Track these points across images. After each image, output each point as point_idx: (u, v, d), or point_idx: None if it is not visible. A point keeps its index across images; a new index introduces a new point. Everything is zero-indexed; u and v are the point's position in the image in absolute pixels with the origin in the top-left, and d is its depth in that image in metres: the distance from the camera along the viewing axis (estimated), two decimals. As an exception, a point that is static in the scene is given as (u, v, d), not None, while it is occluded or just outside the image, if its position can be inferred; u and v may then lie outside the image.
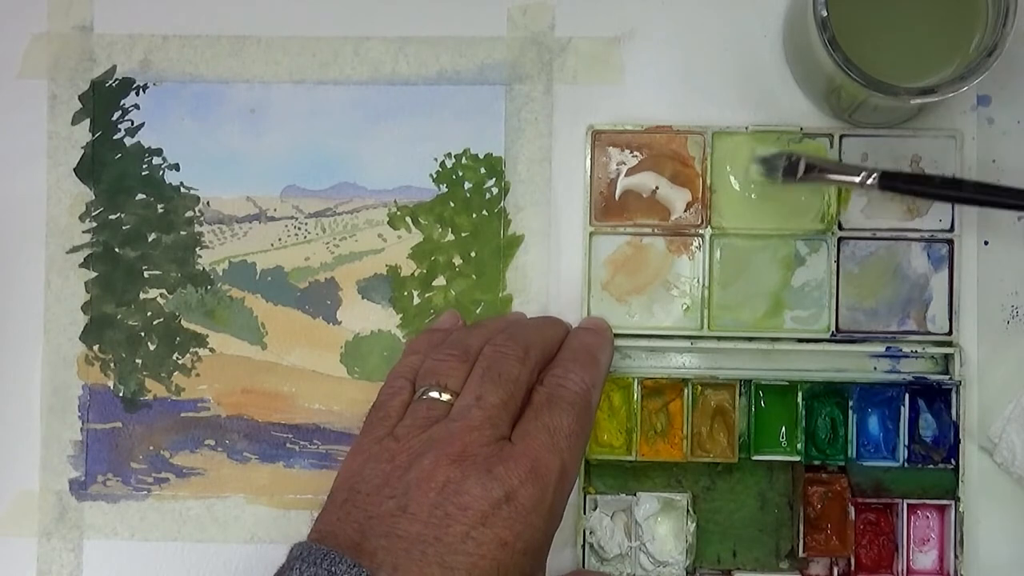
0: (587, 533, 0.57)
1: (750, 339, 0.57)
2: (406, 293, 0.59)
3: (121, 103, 0.59)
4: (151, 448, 0.59)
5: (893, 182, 0.52)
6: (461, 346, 0.52)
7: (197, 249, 0.59)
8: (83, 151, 0.59)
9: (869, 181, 0.52)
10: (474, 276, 0.58)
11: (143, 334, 0.59)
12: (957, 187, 0.53)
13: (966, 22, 0.51)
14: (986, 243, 0.57)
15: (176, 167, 0.59)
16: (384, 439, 0.49)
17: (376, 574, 0.44)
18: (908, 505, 0.56)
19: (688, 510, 0.56)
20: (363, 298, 0.59)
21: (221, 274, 0.59)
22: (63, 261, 0.59)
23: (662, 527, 0.56)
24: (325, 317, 0.59)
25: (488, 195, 0.58)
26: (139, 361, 0.59)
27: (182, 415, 0.59)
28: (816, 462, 0.56)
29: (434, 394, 0.50)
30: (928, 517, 0.57)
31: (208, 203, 0.59)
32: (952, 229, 0.57)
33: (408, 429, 0.49)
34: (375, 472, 0.48)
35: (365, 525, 0.46)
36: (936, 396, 0.56)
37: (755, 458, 0.56)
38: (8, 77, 0.59)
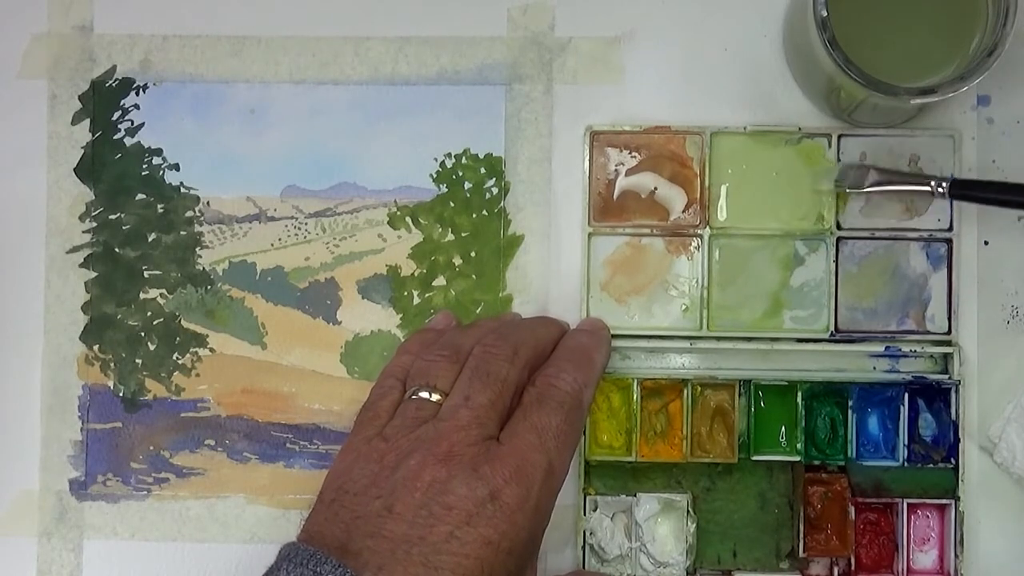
0: (587, 534, 0.57)
1: (749, 339, 0.57)
2: (406, 293, 0.59)
3: (121, 103, 0.59)
4: (151, 448, 0.59)
5: (963, 190, 0.53)
6: (452, 346, 0.52)
7: (197, 249, 0.59)
8: (83, 151, 0.59)
9: (939, 189, 0.53)
10: (474, 276, 0.58)
11: (143, 334, 0.59)
12: None
13: (966, 22, 0.52)
14: (986, 243, 0.57)
15: (176, 167, 0.59)
16: (373, 439, 0.49)
17: (361, 574, 0.44)
18: (908, 505, 0.56)
19: (688, 511, 0.56)
20: (363, 298, 0.59)
21: (221, 274, 0.59)
22: (63, 261, 0.59)
23: (662, 528, 0.56)
24: (325, 317, 0.59)
25: (488, 195, 0.58)
26: (139, 361, 0.59)
27: (182, 415, 0.59)
28: (816, 462, 0.56)
29: (424, 394, 0.50)
30: (928, 517, 0.57)
31: (208, 203, 0.59)
32: (951, 229, 0.57)
33: (397, 429, 0.49)
34: (363, 472, 0.48)
35: (352, 525, 0.46)
36: (935, 396, 0.56)
37: (755, 458, 0.56)
38: (8, 77, 0.59)
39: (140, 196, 0.59)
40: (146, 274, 0.59)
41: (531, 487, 0.47)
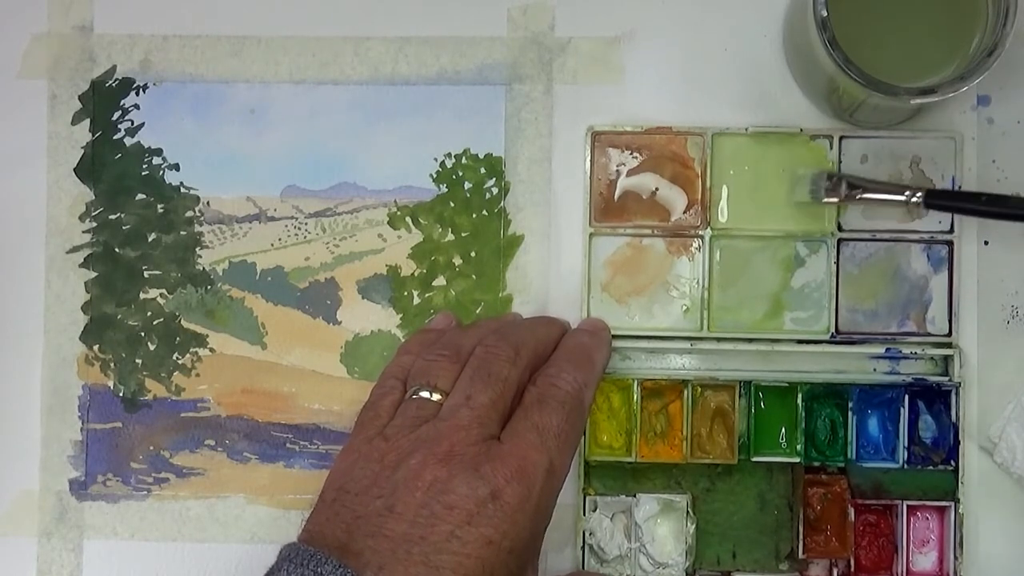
0: (587, 534, 0.57)
1: (750, 340, 0.57)
2: (406, 293, 0.59)
3: (121, 103, 0.59)
4: (151, 448, 0.59)
5: (938, 200, 0.53)
6: (453, 346, 0.52)
7: (197, 249, 0.59)
8: (83, 151, 0.59)
9: (914, 199, 0.53)
10: (474, 276, 0.58)
11: (143, 334, 0.59)
12: (1002, 204, 0.53)
13: (966, 22, 0.51)
14: (986, 243, 0.57)
15: (176, 167, 0.59)
16: (374, 439, 0.49)
17: (362, 574, 0.44)
18: (908, 506, 0.56)
19: (688, 511, 0.56)
20: (363, 298, 0.59)
21: (221, 274, 0.59)
22: (63, 261, 0.59)
23: (662, 528, 0.56)
24: (325, 317, 0.59)
25: (488, 195, 0.58)
26: (139, 361, 0.59)
27: (182, 415, 0.59)
28: (816, 463, 0.56)
29: (424, 394, 0.50)
30: (928, 519, 0.57)
31: (208, 203, 0.59)
32: (952, 230, 0.57)
33: (398, 429, 0.49)
34: (364, 472, 0.48)
35: (353, 525, 0.46)
36: (936, 397, 0.56)
37: (755, 459, 0.56)
38: (8, 77, 0.59)
39: (140, 196, 0.59)
40: (146, 274, 0.59)
41: (532, 487, 0.47)
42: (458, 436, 0.48)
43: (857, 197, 0.55)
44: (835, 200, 0.55)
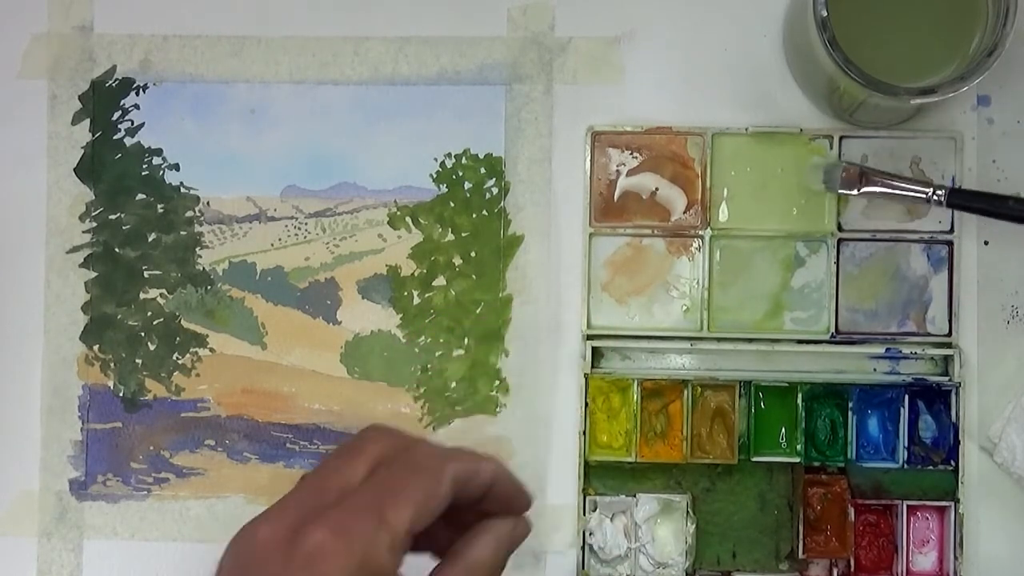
0: (587, 534, 0.57)
1: (750, 340, 0.57)
2: (406, 293, 0.59)
3: (121, 103, 0.59)
4: (151, 448, 0.59)
5: (961, 200, 0.53)
6: None
7: (197, 249, 0.59)
8: (83, 151, 0.59)
9: (935, 197, 0.52)
10: (474, 276, 0.58)
11: (143, 334, 0.59)
12: None
13: (966, 22, 0.51)
14: (986, 243, 0.57)
15: (176, 167, 0.59)
16: None
17: None
18: (908, 506, 0.56)
19: (688, 511, 0.56)
20: (363, 298, 0.59)
21: (221, 274, 0.59)
22: (63, 261, 0.59)
23: (662, 528, 0.56)
24: (325, 317, 0.59)
25: (488, 195, 0.58)
26: (139, 361, 0.59)
27: (182, 415, 0.59)
28: (816, 463, 0.56)
29: None
30: (928, 518, 0.57)
31: (208, 203, 0.59)
32: (952, 230, 0.57)
33: None
34: None
35: None
36: (936, 397, 0.56)
37: (755, 459, 0.56)
38: (8, 77, 0.59)
39: (140, 196, 0.59)
40: (146, 274, 0.59)
41: None
42: None
43: (874, 190, 0.54)
44: (853, 192, 0.54)
